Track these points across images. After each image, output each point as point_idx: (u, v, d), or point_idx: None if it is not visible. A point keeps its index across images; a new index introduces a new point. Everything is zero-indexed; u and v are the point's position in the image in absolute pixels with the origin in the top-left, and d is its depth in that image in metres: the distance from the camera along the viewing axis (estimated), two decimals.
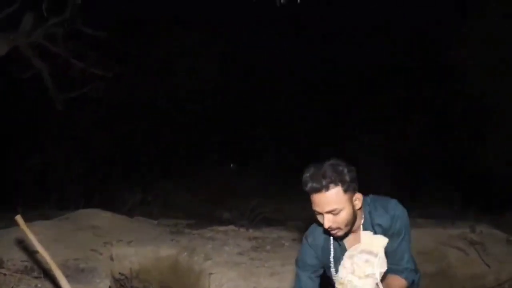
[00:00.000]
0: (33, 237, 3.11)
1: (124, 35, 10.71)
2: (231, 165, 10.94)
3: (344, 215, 2.16)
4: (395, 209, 2.30)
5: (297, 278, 2.50)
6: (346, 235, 2.28)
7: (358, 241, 2.33)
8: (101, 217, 5.79)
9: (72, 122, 10.49)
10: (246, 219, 7.15)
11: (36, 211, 6.00)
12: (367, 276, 1.93)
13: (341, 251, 2.37)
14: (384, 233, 2.26)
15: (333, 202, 2.13)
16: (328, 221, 2.16)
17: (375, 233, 2.28)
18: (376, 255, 1.96)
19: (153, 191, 8.97)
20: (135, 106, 10.88)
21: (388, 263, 2.24)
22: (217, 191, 9.33)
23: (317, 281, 2.48)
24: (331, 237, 2.34)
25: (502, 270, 5.31)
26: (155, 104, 11.04)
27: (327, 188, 2.12)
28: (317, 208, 2.18)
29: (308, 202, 2.23)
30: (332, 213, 2.15)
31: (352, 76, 11.63)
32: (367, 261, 1.94)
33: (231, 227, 5.98)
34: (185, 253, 4.91)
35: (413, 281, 2.40)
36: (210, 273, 4.35)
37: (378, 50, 11.23)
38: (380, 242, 2.00)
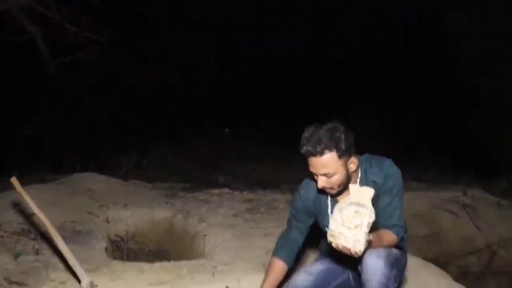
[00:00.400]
0: (29, 199, 3.13)
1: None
2: (226, 129, 10.93)
3: (338, 177, 2.29)
4: (389, 167, 2.41)
5: (288, 223, 2.70)
6: (339, 193, 2.38)
7: None
8: (97, 181, 5.81)
9: (66, 88, 10.42)
10: (240, 182, 7.20)
11: (31, 175, 6.00)
12: (356, 226, 1.98)
13: (335, 202, 2.45)
14: (378, 189, 2.34)
15: (327, 167, 2.25)
16: (322, 182, 2.29)
17: None
18: (364, 206, 2.02)
19: (148, 155, 8.99)
20: (130, 71, 10.80)
21: (380, 219, 2.32)
22: (212, 155, 9.35)
23: (306, 231, 2.64)
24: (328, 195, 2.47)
25: (492, 232, 5.41)
26: (150, 69, 10.95)
27: (321, 153, 2.22)
28: (312, 169, 2.29)
29: (303, 165, 2.34)
30: (326, 176, 2.27)
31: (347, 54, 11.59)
32: (356, 212, 1.99)
33: (226, 190, 6.02)
34: (180, 216, 4.96)
35: (402, 238, 2.49)
36: (205, 235, 4.39)
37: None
38: (367, 193, 2.05)
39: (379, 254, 2.25)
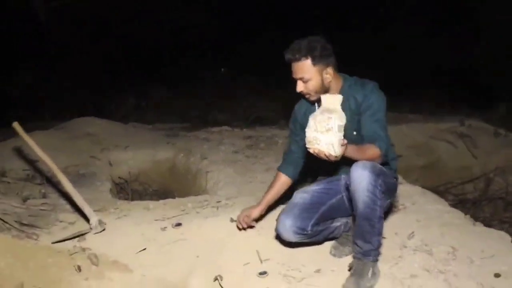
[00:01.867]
0: (32, 142, 3.17)
1: None
2: (222, 69, 10.80)
3: (313, 83, 2.56)
4: (372, 89, 2.60)
5: (288, 139, 2.97)
6: (318, 100, 2.55)
7: None
8: (97, 125, 5.82)
9: (57, 33, 10.23)
10: (240, 120, 7.21)
11: (31, 123, 6.00)
12: (328, 130, 2.14)
13: None
14: (359, 107, 2.59)
15: (302, 71, 2.54)
16: (299, 86, 2.60)
17: (349, 104, 2.59)
18: (333, 111, 2.19)
19: (146, 98, 8.96)
20: (124, 13, 10.56)
21: (364, 135, 2.56)
22: (210, 95, 9.32)
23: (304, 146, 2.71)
24: (316, 105, 2.69)
25: (488, 161, 5.50)
26: (146, 9, 10.69)
27: (298, 59, 2.53)
28: (292, 74, 2.58)
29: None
30: (302, 80, 2.57)
31: None
32: (326, 117, 2.16)
33: (226, 127, 6.05)
34: (182, 155, 5.02)
35: (393, 158, 2.71)
36: (207, 172, 4.47)
37: None
38: (336, 99, 2.26)
39: (364, 164, 2.38)
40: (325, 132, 2.14)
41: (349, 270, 2.57)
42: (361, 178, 2.36)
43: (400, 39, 10.10)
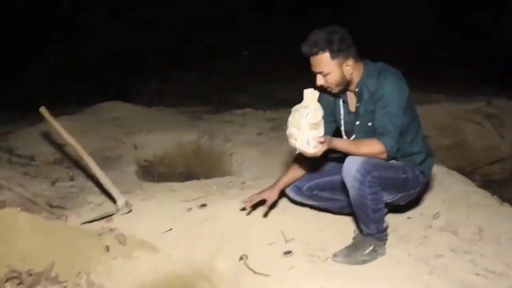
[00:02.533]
0: (59, 126, 3.23)
1: None
2: (245, 52, 10.74)
3: (333, 77, 2.47)
4: (386, 78, 2.45)
5: None
6: (341, 92, 2.57)
7: (356, 100, 2.60)
8: (121, 109, 5.89)
9: (81, 15, 10.31)
10: (263, 102, 7.18)
11: (56, 109, 6.08)
12: (300, 127, 2.18)
13: (345, 107, 2.68)
14: (371, 96, 2.48)
15: (320, 66, 2.45)
16: (319, 80, 2.50)
17: (362, 95, 2.53)
18: (307, 107, 2.19)
19: (168, 81, 8.99)
20: None
21: (376, 127, 2.46)
22: (233, 78, 9.30)
23: (332, 126, 2.76)
24: (341, 98, 2.67)
25: None
26: None
27: (316, 53, 2.43)
28: (311, 68, 2.49)
29: None
30: (321, 74, 2.47)
31: None
32: (302, 114, 2.18)
33: (249, 110, 6.05)
34: (206, 137, 5.05)
35: (398, 150, 2.49)
36: (231, 153, 4.50)
37: None
38: (313, 95, 2.24)
39: (354, 160, 2.37)
40: (300, 129, 2.17)
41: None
42: (347, 173, 2.38)
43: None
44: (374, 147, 2.39)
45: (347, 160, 2.39)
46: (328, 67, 2.43)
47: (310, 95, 2.24)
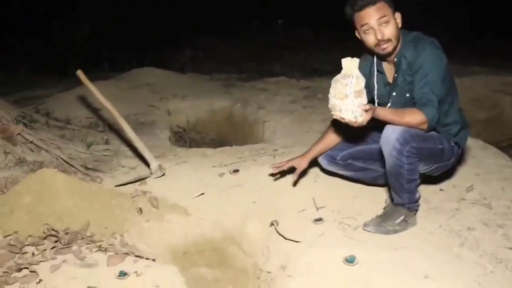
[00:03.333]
0: (95, 89, 3.27)
1: None
2: (279, 21, 10.63)
3: (392, 26, 2.41)
4: (425, 47, 2.40)
5: None
6: (393, 51, 2.47)
7: (393, 71, 2.55)
8: (155, 75, 5.92)
9: None
10: (297, 71, 7.13)
11: (91, 74, 6.15)
12: (345, 96, 2.11)
13: (382, 78, 2.63)
14: (410, 66, 2.44)
15: (382, 11, 2.38)
16: (380, 32, 2.40)
17: (400, 65, 2.48)
18: (349, 76, 2.12)
19: (202, 49, 8.96)
20: None
21: (415, 98, 2.41)
22: (268, 46, 9.23)
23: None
24: (375, 68, 2.64)
25: None
26: None
27: (374, 2, 2.37)
28: (368, 21, 2.40)
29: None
30: (383, 22, 2.38)
31: None
32: (342, 83, 2.11)
33: (283, 78, 6.01)
34: (239, 104, 5.05)
35: (438, 121, 2.42)
36: (264, 121, 4.49)
37: None
38: (353, 63, 2.15)
39: (393, 129, 2.33)
40: (344, 99, 2.11)
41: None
42: (387, 141, 2.35)
43: None
44: (416, 116, 2.33)
45: (387, 128, 2.36)
46: (388, 13, 2.40)
47: (350, 63, 2.16)
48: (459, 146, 2.65)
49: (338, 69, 2.20)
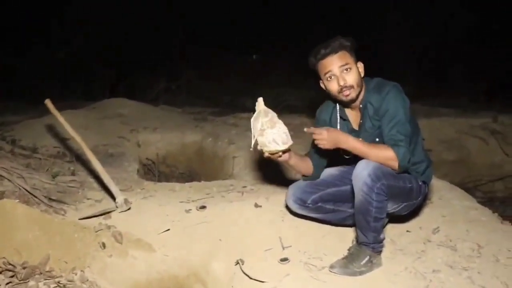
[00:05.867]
0: (63, 120, 3.22)
1: None
2: (254, 55, 10.77)
3: (354, 73, 2.51)
4: (389, 92, 2.49)
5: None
6: (352, 102, 2.57)
7: (359, 117, 2.62)
8: (127, 106, 5.90)
9: (88, 11, 10.27)
10: (269, 107, 7.14)
11: (63, 102, 6.10)
12: (263, 130, 2.31)
13: (346, 125, 2.69)
14: (376, 111, 2.51)
15: (344, 58, 2.49)
16: (342, 79, 2.49)
17: (366, 110, 2.56)
18: (259, 112, 2.34)
19: (177, 80, 8.98)
20: None
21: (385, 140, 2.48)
22: (240, 81, 9.32)
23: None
24: (338, 115, 2.71)
25: None
26: None
27: (336, 51, 2.49)
28: (331, 68, 2.51)
29: None
30: (345, 69, 2.49)
31: None
32: (258, 121, 2.33)
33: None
34: (210, 139, 5.05)
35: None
36: (234, 157, 4.49)
37: None
38: (260, 102, 2.40)
39: (367, 164, 2.39)
40: (263, 133, 2.29)
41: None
42: (358, 177, 2.39)
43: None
44: (386, 152, 2.40)
45: (359, 164, 2.40)
46: (350, 61, 2.50)
47: (258, 103, 2.39)
48: (426, 184, 2.71)
49: (310, 106, 2.29)
